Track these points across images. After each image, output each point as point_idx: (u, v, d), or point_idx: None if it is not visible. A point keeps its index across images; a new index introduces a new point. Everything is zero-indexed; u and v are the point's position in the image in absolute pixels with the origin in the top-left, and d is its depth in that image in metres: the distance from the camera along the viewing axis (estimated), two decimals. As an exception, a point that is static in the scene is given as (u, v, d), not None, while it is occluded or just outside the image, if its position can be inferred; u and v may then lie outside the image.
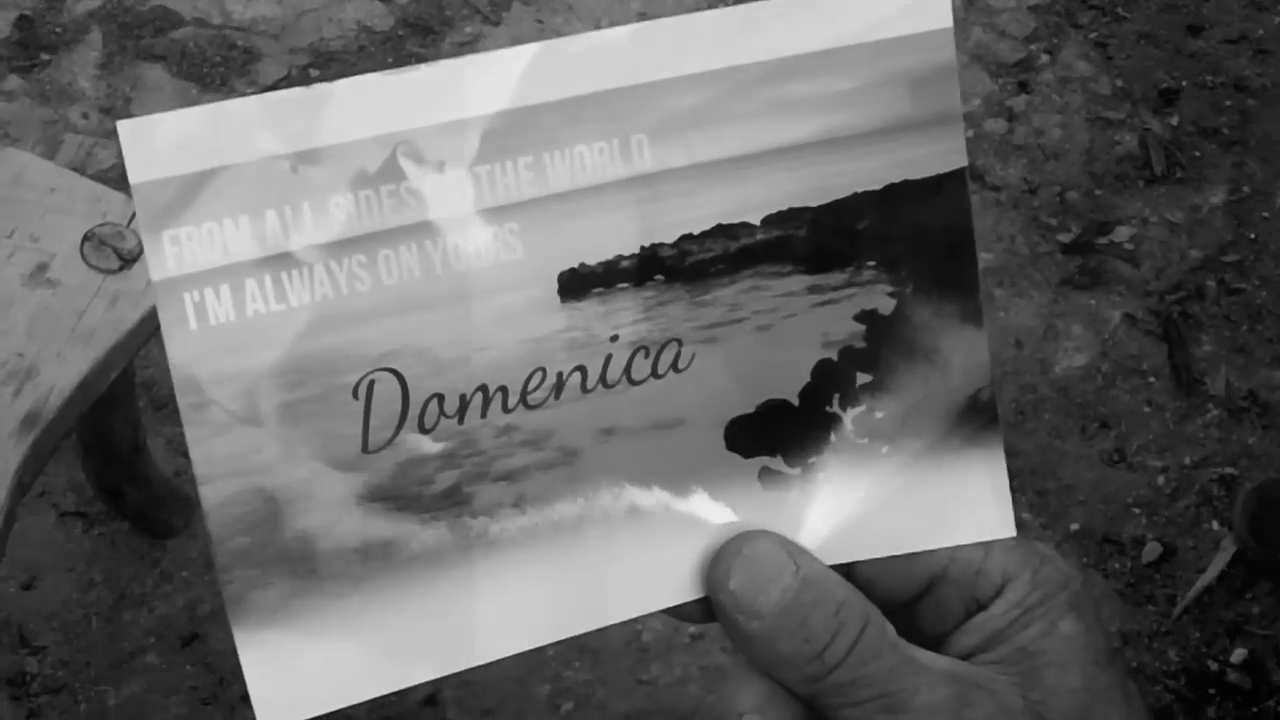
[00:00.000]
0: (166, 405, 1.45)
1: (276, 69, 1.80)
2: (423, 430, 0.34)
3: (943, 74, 0.36)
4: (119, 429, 1.21)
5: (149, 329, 0.94)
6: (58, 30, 1.81)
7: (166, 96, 1.75)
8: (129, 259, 0.94)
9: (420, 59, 1.78)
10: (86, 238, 0.95)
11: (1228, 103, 1.77)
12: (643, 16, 1.84)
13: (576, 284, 0.35)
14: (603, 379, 0.35)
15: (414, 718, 1.31)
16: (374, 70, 0.34)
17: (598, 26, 1.78)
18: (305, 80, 1.77)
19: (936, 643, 0.36)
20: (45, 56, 1.78)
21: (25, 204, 0.96)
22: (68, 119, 1.72)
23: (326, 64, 1.80)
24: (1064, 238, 1.65)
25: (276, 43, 1.82)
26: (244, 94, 1.66)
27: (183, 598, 1.38)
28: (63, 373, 0.90)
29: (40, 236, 0.95)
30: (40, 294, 0.93)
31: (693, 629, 1.34)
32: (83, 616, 1.37)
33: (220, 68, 1.79)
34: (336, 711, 0.34)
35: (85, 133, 1.70)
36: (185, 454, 0.34)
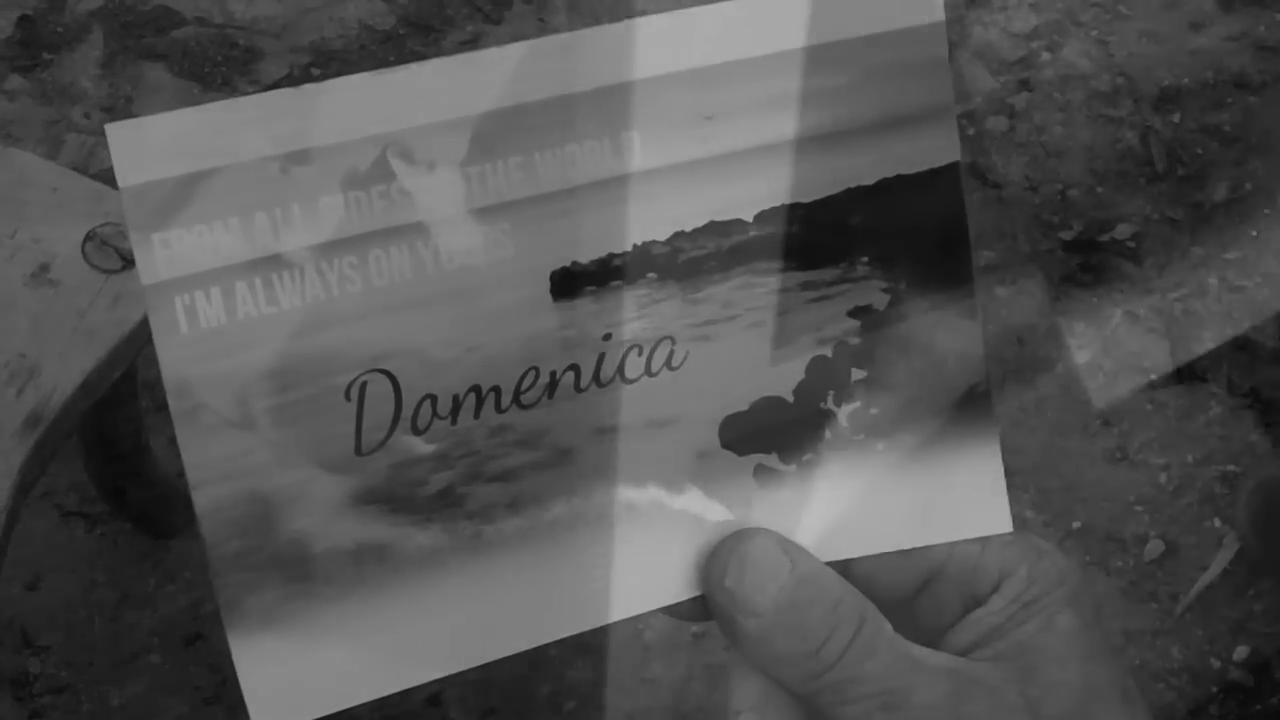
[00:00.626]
0: (168, 405, 1.44)
1: (278, 68, 1.80)
2: (415, 431, 0.34)
3: (935, 68, 0.35)
4: (121, 429, 1.21)
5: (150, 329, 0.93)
6: (59, 30, 1.81)
7: (168, 96, 1.75)
8: (131, 259, 0.94)
9: (421, 58, 1.77)
10: (88, 237, 0.95)
11: (1229, 100, 1.77)
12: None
13: (569, 283, 0.34)
14: (596, 378, 0.35)
15: (417, 717, 1.31)
16: (376, 69, 0.34)
17: (598, 25, 1.77)
18: (307, 79, 1.77)
19: (934, 639, 0.36)
20: (47, 56, 1.78)
21: (27, 204, 0.96)
22: (69, 119, 1.72)
23: (328, 63, 1.80)
24: (1066, 235, 1.65)
25: (278, 42, 1.82)
26: (246, 93, 1.66)
27: (185, 598, 1.38)
28: (65, 373, 0.90)
29: (42, 237, 0.95)
30: (42, 294, 0.93)
31: (695, 627, 1.34)
32: (85, 616, 1.37)
33: (222, 67, 1.79)
34: (336, 713, 0.34)
35: (87, 132, 1.70)
36: (185, 455, 0.34)
